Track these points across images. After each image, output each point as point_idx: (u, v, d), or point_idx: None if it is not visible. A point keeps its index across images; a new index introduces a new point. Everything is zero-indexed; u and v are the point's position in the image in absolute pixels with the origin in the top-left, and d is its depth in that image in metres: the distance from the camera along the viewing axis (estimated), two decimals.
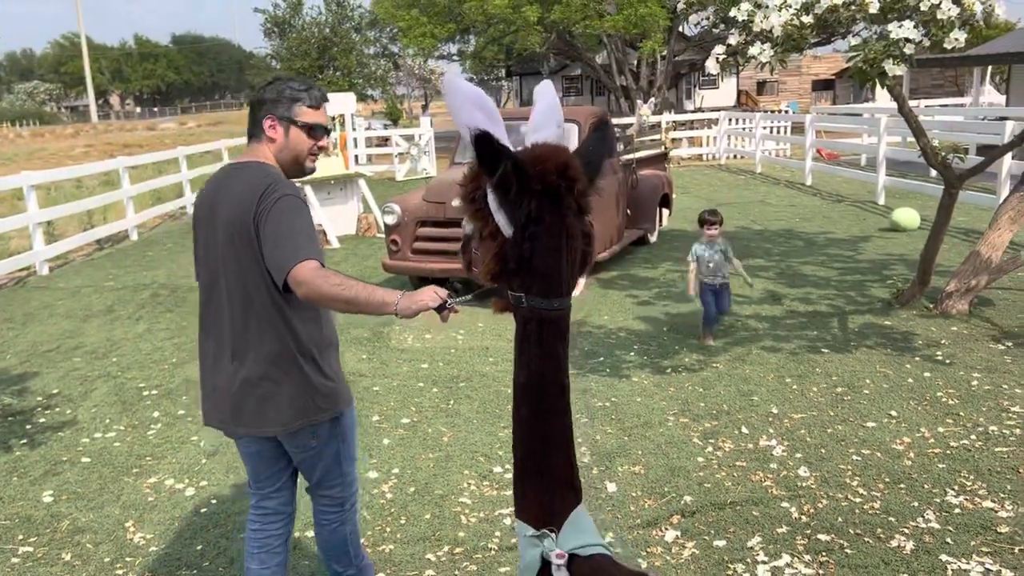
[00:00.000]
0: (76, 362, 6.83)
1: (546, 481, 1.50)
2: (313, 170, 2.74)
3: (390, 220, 8.29)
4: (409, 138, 21.35)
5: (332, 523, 2.90)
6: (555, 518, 1.46)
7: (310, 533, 3.60)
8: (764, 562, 3.49)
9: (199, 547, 3.87)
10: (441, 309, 2.31)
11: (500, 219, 1.51)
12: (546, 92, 1.95)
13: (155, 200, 16.53)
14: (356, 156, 20.15)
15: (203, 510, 4.23)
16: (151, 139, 40.59)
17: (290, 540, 2.96)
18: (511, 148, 1.48)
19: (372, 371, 6.24)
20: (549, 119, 1.83)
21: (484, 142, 1.46)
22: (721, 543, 3.65)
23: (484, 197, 1.49)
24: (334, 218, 12.51)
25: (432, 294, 2.33)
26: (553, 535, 1.44)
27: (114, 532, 4.04)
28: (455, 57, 36.18)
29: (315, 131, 2.63)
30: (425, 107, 44.39)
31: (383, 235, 9.11)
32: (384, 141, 22.52)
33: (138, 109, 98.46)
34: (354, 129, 19.98)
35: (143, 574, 3.67)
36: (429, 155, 20.63)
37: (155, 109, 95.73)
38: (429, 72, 62.45)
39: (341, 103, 13.09)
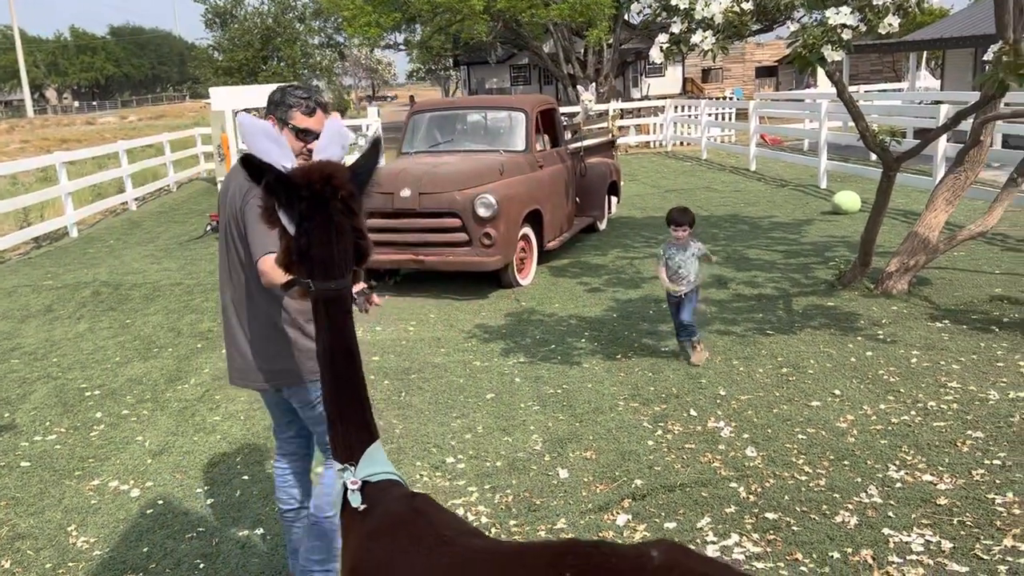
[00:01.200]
0: (14, 364, 6.63)
1: (346, 426, 1.88)
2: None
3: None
4: (356, 129, 21.12)
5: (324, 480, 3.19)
6: (355, 454, 1.86)
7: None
8: (713, 542, 3.54)
9: (145, 549, 3.79)
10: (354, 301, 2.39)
11: (284, 221, 1.88)
12: (332, 124, 2.45)
13: (95, 196, 16.11)
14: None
15: (149, 511, 4.14)
16: (90, 134, 39.50)
17: (308, 476, 3.32)
18: (278, 166, 1.89)
19: None
20: (334, 143, 2.35)
21: (247, 162, 1.84)
22: (671, 525, 3.70)
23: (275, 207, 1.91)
24: None
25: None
26: (352, 467, 1.85)
27: (56, 537, 3.94)
28: (401, 47, 35.86)
29: (305, 135, 2.94)
30: (372, 97, 43.93)
31: None
32: None
33: (76, 103, 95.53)
34: None
35: None
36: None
37: (94, 103, 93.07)
38: (376, 62, 61.84)
39: None
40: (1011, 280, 7.29)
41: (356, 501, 1.82)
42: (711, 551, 3.46)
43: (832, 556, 3.37)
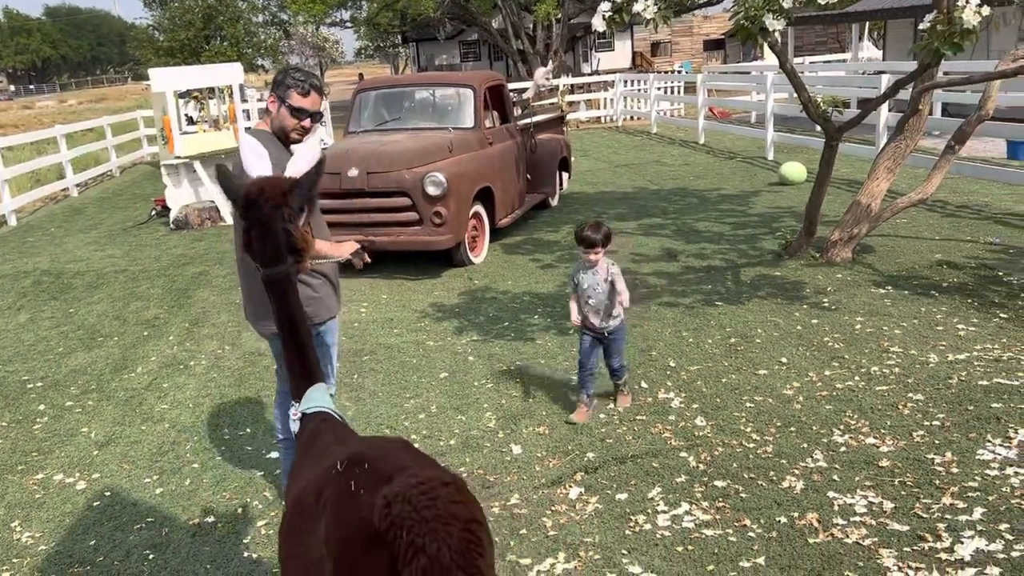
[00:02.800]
0: None
1: (295, 376, 2.40)
2: (298, 141, 3.45)
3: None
4: None
5: None
6: (300, 394, 2.36)
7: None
8: (664, 511, 3.59)
9: (92, 542, 3.72)
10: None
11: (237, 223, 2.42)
12: (309, 151, 2.89)
13: (34, 183, 15.65)
14: (249, 129, 19.49)
15: (96, 504, 4.07)
16: (27, 118, 38.25)
17: None
18: (253, 173, 2.54)
19: (271, 350, 6.10)
20: (262, 164, 2.89)
21: (219, 175, 2.39)
22: (623, 496, 3.74)
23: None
24: None
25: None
26: (297, 404, 2.36)
27: None
28: (347, 24, 35.29)
29: (299, 113, 3.38)
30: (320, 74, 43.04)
31: None
32: None
33: (12, 87, 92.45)
34: (245, 100, 19.32)
35: (32, 574, 3.51)
36: (325, 125, 20.13)
37: (31, 87, 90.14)
38: (323, 40, 60.75)
39: (227, 74, 12.59)
40: (950, 245, 7.48)
41: (295, 428, 2.37)
42: (662, 520, 3.52)
43: (779, 521, 3.44)
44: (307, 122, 3.42)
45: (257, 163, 2.88)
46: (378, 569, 1.51)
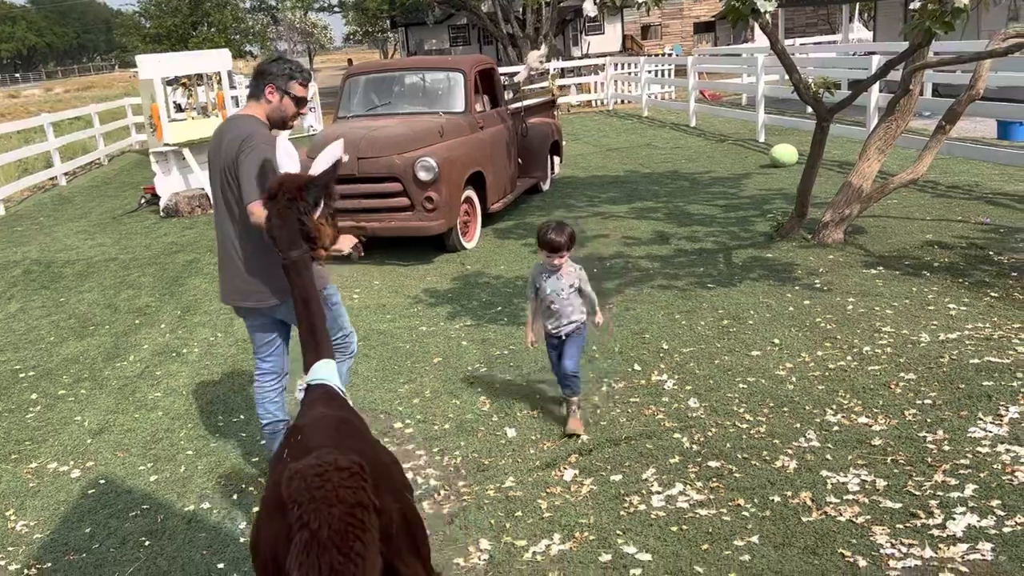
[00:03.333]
0: None
1: (306, 350, 2.63)
2: (292, 127, 3.87)
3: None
4: None
5: (340, 360, 3.78)
6: (308, 368, 2.59)
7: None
8: (658, 492, 3.61)
9: (88, 530, 3.72)
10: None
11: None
12: (282, 145, 3.12)
13: (21, 172, 15.54)
14: (240, 116, 19.37)
15: (91, 491, 4.06)
16: (14, 107, 37.90)
17: (284, 395, 3.85)
18: (284, 170, 2.91)
19: None
20: (291, 160, 3.05)
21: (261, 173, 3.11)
22: (617, 477, 3.76)
23: None
24: None
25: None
26: (304, 376, 2.59)
27: None
28: (336, 9, 35.06)
29: (299, 102, 3.72)
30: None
31: None
32: None
33: None
34: (233, 87, 19.20)
35: (28, 563, 3.51)
36: (315, 111, 20.04)
37: (17, 75, 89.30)
38: (311, 25, 60.33)
39: (216, 60, 12.49)
40: (941, 226, 7.50)
41: (300, 396, 2.57)
42: (656, 501, 3.53)
43: (773, 500, 3.46)
44: (304, 109, 3.84)
45: (288, 161, 3.10)
46: (282, 531, 1.73)
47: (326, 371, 2.55)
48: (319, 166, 2.83)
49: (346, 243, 3.45)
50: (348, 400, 2.60)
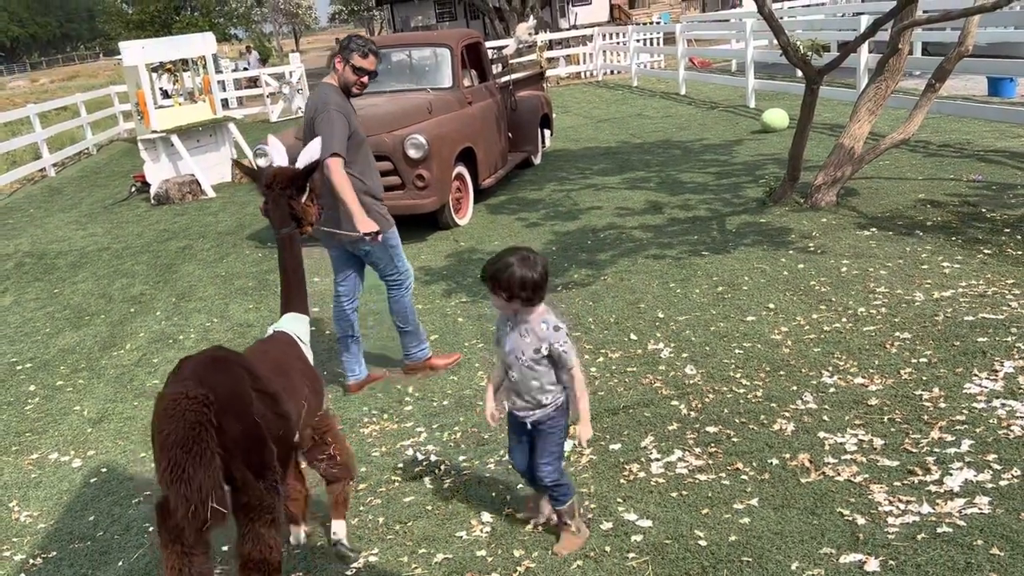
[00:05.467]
0: None
1: (283, 305, 3.26)
2: (359, 94, 4.47)
3: (263, 163, 7.98)
4: (279, 77, 20.52)
5: (396, 296, 4.66)
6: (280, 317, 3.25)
7: None
8: (657, 459, 3.63)
9: (91, 518, 3.74)
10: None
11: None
12: (274, 145, 3.56)
13: (10, 164, 15.44)
14: (225, 100, 19.25)
15: (93, 480, 4.08)
16: (0, 99, 37.57)
17: (356, 313, 4.66)
18: (275, 163, 3.41)
19: (259, 320, 6.09)
20: (280, 156, 3.47)
21: (243, 169, 3.66)
22: (616, 446, 3.78)
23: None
24: (207, 167, 11.97)
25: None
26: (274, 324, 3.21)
27: None
28: None
29: (359, 71, 4.37)
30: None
31: None
32: (253, 82, 21.56)
33: None
34: (219, 71, 19.05)
35: (33, 553, 3.53)
36: (303, 93, 19.90)
37: (1, 68, 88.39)
38: (296, 6, 59.70)
39: (200, 45, 12.38)
40: (933, 184, 7.49)
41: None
42: (656, 468, 3.55)
43: (771, 463, 3.48)
44: (365, 79, 4.41)
45: (277, 156, 3.54)
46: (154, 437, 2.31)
47: (290, 323, 3.18)
48: (302, 161, 3.37)
49: (366, 226, 4.18)
50: (303, 347, 3.10)
